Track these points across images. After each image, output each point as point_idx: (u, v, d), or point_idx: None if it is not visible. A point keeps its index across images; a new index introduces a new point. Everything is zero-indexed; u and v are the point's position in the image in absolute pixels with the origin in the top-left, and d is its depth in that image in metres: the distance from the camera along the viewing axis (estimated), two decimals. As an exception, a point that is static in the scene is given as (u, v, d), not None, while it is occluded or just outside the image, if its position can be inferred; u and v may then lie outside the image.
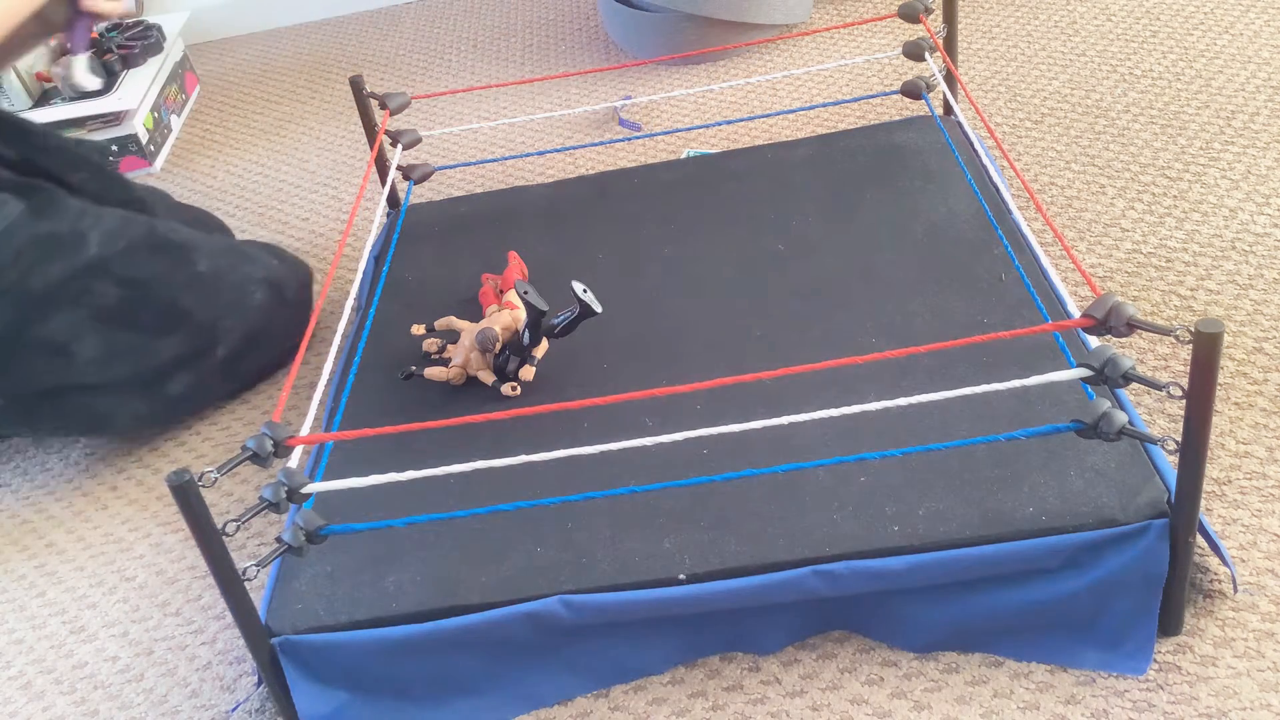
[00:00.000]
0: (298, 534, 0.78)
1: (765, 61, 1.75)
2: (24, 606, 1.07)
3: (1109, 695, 0.78)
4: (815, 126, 1.54)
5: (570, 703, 0.86)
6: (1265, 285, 1.10)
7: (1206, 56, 1.51)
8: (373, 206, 1.55)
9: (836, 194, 1.19)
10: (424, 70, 1.97)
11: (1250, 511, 0.88)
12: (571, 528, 0.86)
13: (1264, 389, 0.99)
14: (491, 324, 1.02)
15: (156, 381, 1.18)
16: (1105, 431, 0.73)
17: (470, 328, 1.04)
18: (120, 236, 1.14)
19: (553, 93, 1.79)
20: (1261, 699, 0.76)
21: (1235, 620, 0.81)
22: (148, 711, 0.93)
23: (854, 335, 0.99)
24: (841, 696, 0.82)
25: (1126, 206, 1.25)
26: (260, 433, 0.79)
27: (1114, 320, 0.73)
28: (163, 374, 1.18)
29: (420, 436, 0.82)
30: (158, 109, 1.89)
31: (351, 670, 0.83)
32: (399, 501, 0.88)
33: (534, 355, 1.02)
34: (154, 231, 1.18)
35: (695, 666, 0.86)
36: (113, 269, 1.13)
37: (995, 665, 0.82)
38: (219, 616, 1.00)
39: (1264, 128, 1.34)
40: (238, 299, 1.21)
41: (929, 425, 0.86)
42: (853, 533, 0.80)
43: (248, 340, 1.19)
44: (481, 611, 0.81)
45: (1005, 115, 1.47)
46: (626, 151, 1.58)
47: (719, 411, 0.93)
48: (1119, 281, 1.14)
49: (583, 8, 2.08)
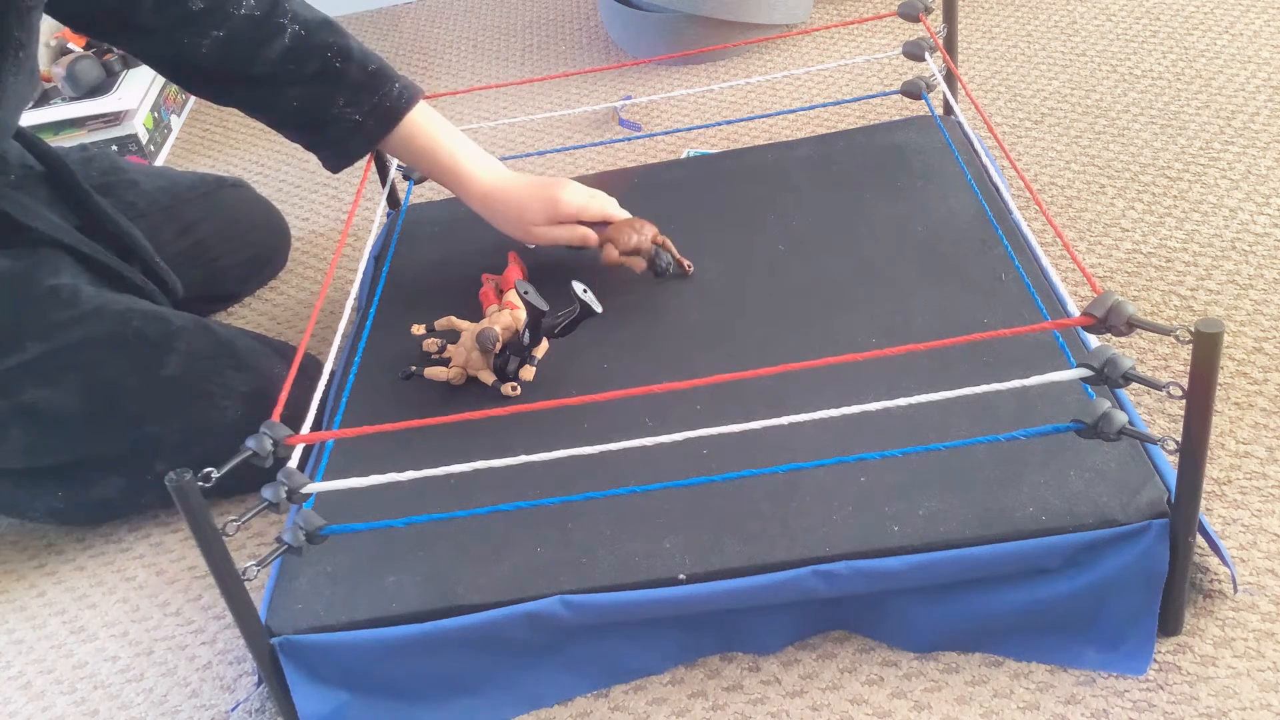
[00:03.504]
0: (298, 534, 0.78)
1: (765, 61, 1.75)
2: (24, 607, 1.07)
3: (1109, 695, 0.78)
4: (815, 126, 1.54)
5: (570, 703, 0.86)
6: (1265, 285, 1.10)
7: (1206, 56, 1.51)
8: (373, 206, 1.55)
9: (836, 194, 1.19)
10: (424, 70, 1.97)
11: (1250, 511, 0.88)
12: (571, 528, 0.86)
13: (1264, 389, 0.99)
14: (492, 324, 1.02)
15: (80, 481, 1.09)
16: (1105, 431, 0.73)
17: (471, 328, 1.04)
18: (79, 325, 1.05)
19: (553, 93, 1.79)
20: (1261, 699, 0.76)
21: (1235, 620, 0.81)
22: (148, 711, 0.93)
23: (854, 335, 0.99)
24: (841, 696, 0.82)
25: (1126, 206, 1.25)
26: (260, 432, 0.79)
27: (1113, 319, 0.73)
28: (89, 474, 1.08)
29: (420, 437, 0.82)
30: (158, 109, 1.89)
31: (351, 670, 0.83)
32: (399, 501, 0.88)
33: (534, 355, 1.02)
34: (125, 324, 1.07)
35: (695, 666, 0.86)
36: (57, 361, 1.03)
37: (995, 665, 0.82)
38: (219, 616, 1.00)
39: (1264, 128, 1.34)
40: (202, 413, 1.05)
41: (929, 425, 0.86)
42: (853, 533, 0.80)
43: (203, 461, 0.76)
44: (481, 611, 0.81)
45: (1005, 115, 1.47)
46: (626, 151, 1.58)
47: (719, 412, 0.92)
48: (1119, 281, 1.14)
49: (583, 8, 2.08)
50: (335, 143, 1.11)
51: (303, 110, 1.10)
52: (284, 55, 1.07)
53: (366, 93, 1.09)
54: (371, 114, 1.09)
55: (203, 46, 1.05)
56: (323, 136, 1.11)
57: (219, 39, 1.05)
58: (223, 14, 1.05)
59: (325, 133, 1.11)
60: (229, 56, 1.06)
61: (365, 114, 1.09)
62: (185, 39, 1.05)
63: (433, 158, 1.13)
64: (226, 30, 1.05)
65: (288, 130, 1.13)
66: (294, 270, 1.48)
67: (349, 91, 1.08)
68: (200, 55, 1.05)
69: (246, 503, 1.10)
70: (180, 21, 1.04)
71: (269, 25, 1.06)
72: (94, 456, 1.08)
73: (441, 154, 1.12)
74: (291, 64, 1.07)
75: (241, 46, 1.06)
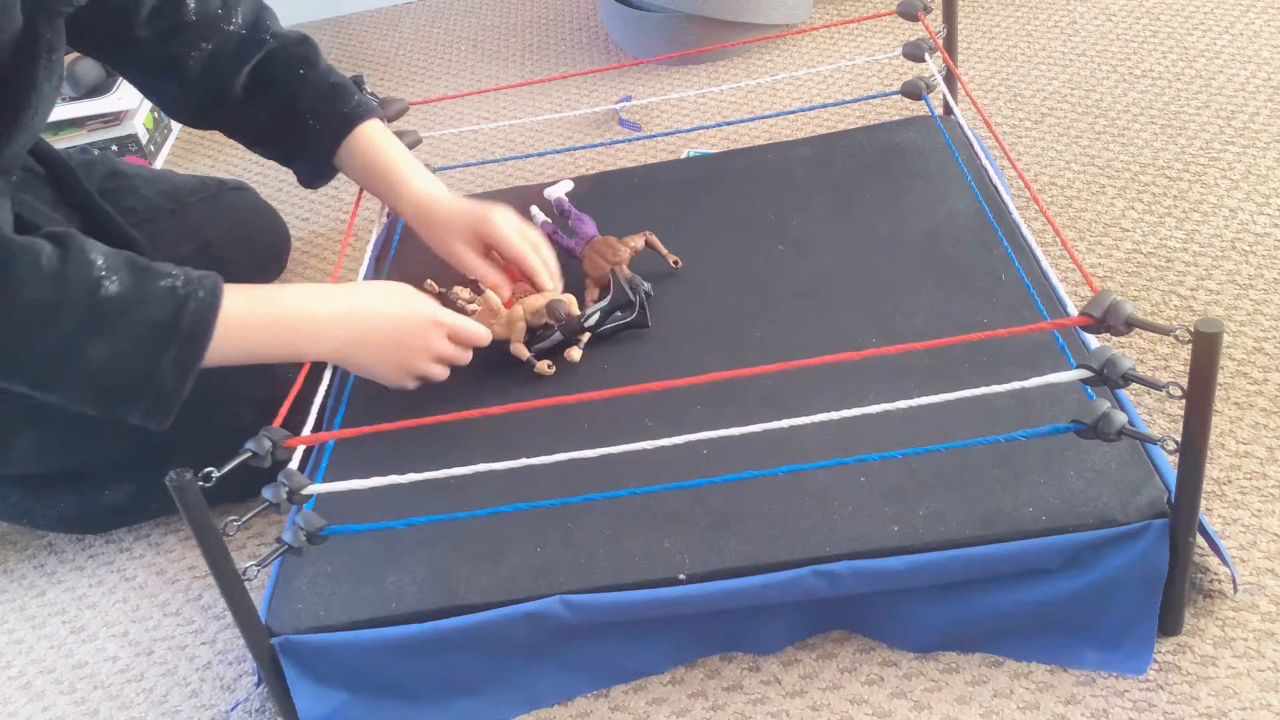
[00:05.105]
0: (298, 534, 0.78)
1: (765, 61, 1.75)
2: (24, 607, 1.07)
3: (1109, 695, 0.78)
4: (815, 126, 1.54)
5: (570, 703, 0.86)
6: (1265, 285, 1.10)
7: (1206, 56, 1.51)
8: (373, 206, 1.55)
9: (836, 194, 1.19)
10: (424, 70, 1.97)
11: (1250, 511, 0.88)
12: (571, 528, 0.86)
13: (1264, 389, 0.99)
14: (561, 300, 1.03)
15: (91, 487, 1.08)
16: (1105, 431, 0.73)
17: (535, 295, 1.04)
18: None
19: (553, 93, 1.79)
20: (1261, 699, 0.76)
21: (1235, 620, 0.81)
22: (148, 711, 0.93)
23: (854, 335, 0.99)
24: (841, 696, 0.82)
25: (1126, 206, 1.25)
26: (260, 433, 0.79)
27: (1112, 319, 0.73)
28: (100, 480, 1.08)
29: (420, 437, 0.82)
30: (157, 109, 1.89)
31: (351, 670, 0.83)
32: (399, 502, 0.88)
33: (581, 340, 1.03)
34: None
35: (695, 666, 0.86)
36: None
37: (995, 665, 0.82)
38: (219, 616, 1.00)
39: (1264, 128, 1.34)
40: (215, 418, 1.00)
41: (929, 426, 0.86)
42: (853, 533, 0.80)
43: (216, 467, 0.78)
44: (481, 611, 0.81)
45: (1005, 115, 1.47)
46: (626, 151, 1.58)
47: (719, 412, 0.93)
48: (1119, 281, 1.14)
49: (583, 8, 2.08)
50: (302, 152, 1.12)
51: (274, 122, 1.11)
52: (257, 67, 1.09)
53: (327, 100, 1.10)
54: (329, 121, 1.10)
55: (190, 58, 1.06)
56: (291, 148, 1.13)
57: (206, 52, 1.06)
58: (212, 28, 1.06)
59: (292, 143, 1.12)
60: (213, 71, 1.07)
61: (324, 122, 1.10)
62: (175, 50, 1.06)
63: (374, 170, 1.11)
64: (214, 44, 1.06)
65: (263, 147, 1.15)
66: (294, 271, 1.48)
67: (311, 99, 1.10)
68: (186, 68, 1.07)
69: (247, 504, 1.10)
70: (172, 31, 1.05)
71: (251, 41, 1.08)
72: (105, 462, 1.08)
73: (382, 165, 1.11)
74: (263, 76, 1.09)
75: (225, 61, 1.07)
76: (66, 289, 0.83)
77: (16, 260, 0.82)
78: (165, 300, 0.85)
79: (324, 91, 1.10)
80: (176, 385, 0.86)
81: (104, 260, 0.85)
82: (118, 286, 0.84)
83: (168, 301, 0.85)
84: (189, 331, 0.85)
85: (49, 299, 0.82)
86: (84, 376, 0.84)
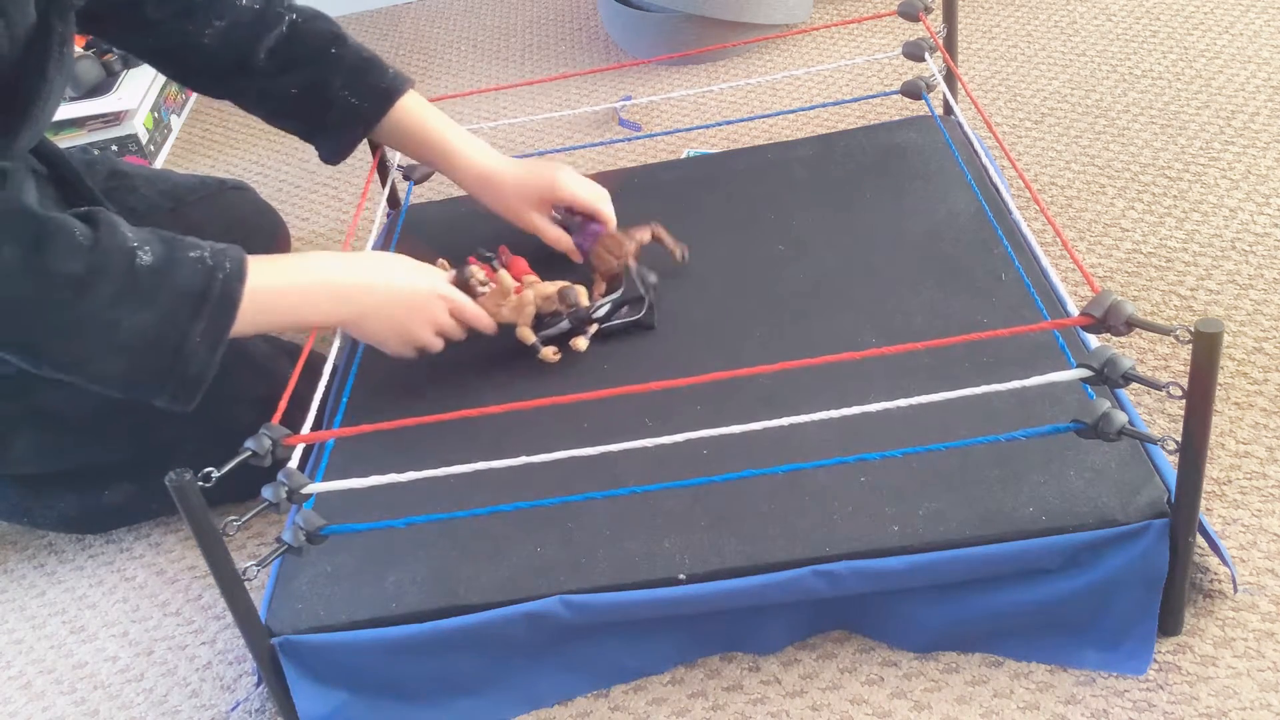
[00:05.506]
0: (298, 534, 0.78)
1: (765, 61, 1.75)
2: (24, 607, 1.07)
3: (1109, 695, 0.78)
4: (815, 126, 1.54)
5: (570, 703, 0.86)
6: (1265, 285, 1.10)
7: (1206, 56, 1.51)
8: (373, 206, 1.55)
9: (836, 194, 1.19)
10: (424, 70, 1.97)
11: (1250, 511, 0.88)
12: (571, 527, 0.86)
13: (1264, 389, 0.99)
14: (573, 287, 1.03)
15: (92, 486, 1.08)
16: (1105, 431, 0.73)
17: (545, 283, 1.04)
18: None
19: (553, 93, 1.79)
20: (1261, 699, 0.76)
21: (1235, 620, 0.81)
22: (148, 711, 0.93)
23: (854, 335, 0.99)
24: (841, 696, 0.82)
25: (1126, 206, 1.25)
26: (259, 432, 0.79)
27: (1112, 318, 0.73)
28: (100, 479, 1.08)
29: (420, 437, 0.82)
30: (158, 109, 1.89)
31: (351, 670, 0.83)
32: (399, 501, 0.88)
33: (588, 330, 1.03)
34: None
35: (695, 666, 0.86)
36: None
37: (995, 665, 0.82)
38: (219, 616, 1.00)
39: (1264, 128, 1.34)
40: (216, 418, 0.96)
41: (929, 425, 0.86)
42: (853, 533, 0.80)
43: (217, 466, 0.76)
44: (481, 611, 0.81)
45: (1005, 115, 1.47)
46: (626, 151, 1.58)
47: (719, 412, 0.92)
48: (1119, 281, 1.14)
49: (583, 8, 2.08)
50: (334, 127, 1.12)
51: (302, 96, 1.10)
52: (282, 42, 1.08)
53: (363, 75, 1.10)
54: (369, 96, 1.10)
55: (205, 36, 1.06)
56: (321, 123, 1.12)
57: (220, 28, 1.06)
58: (224, 4, 1.06)
59: (324, 118, 1.11)
60: (229, 45, 1.07)
61: (362, 96, 1.10)
62: (188, 28, 1.06)
63: (428, 140, 1.13)
64: (228, 20, 1.06)
65: (285, 120, 1.13)
66: (294, 270, 1.48)
67: (346, 75, 1.09)
68: (202, 45, 1.07)
69: (247, 504, 1.10)
70: (183, 12, 1.05)
71: (269, 15, 1.08)
72: (105, 461, 1.08)
73: (436, 136, 1.12)
74: (290, 50, 1.08)
75: (242, 35, 1.07)
76: (105, 259, 0.84)
77: (52, 236, 0.83)
78: (196, 271, 0.86)
79: (359, 66, 1.10)
80: (206, 358, 0.87)
81: (134, 233, 0.86)
82: (151, 257, 0.85)
83: (198, 272, 0.86)
84: (219, 302, 0.87)
85: (83, 272, 0.83)
86: (116, 351, 0.85)
